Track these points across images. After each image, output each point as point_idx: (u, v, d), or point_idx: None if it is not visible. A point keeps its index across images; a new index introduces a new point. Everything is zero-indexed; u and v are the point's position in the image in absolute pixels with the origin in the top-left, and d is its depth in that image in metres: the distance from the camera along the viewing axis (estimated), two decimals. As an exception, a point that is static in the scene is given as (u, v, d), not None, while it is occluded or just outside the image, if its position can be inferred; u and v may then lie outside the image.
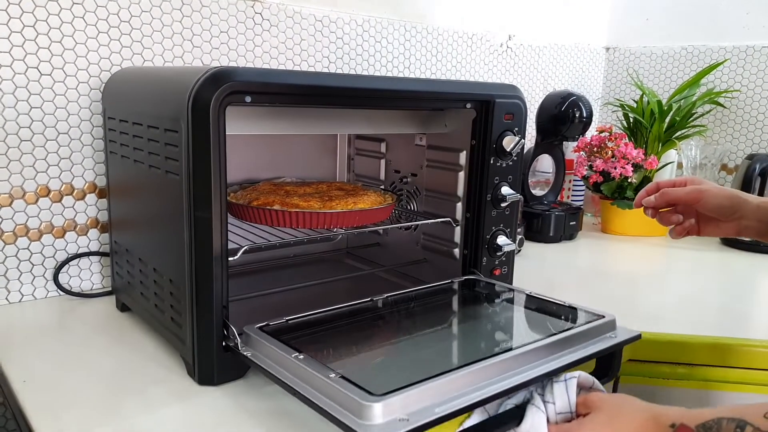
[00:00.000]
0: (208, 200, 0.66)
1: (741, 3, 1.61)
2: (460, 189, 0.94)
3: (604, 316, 0.77)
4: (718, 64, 1.60)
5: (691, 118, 1.54)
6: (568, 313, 0.81)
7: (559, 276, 1.22)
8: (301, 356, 0.63)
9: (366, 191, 0.95)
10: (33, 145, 0.91)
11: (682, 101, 1.53)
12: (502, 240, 0.93)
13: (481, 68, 1.51)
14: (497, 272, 0.95)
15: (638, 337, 0.77)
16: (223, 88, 0.64)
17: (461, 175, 0.94)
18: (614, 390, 0.97)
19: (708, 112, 1.63)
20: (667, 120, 1.52)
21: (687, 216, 0.85)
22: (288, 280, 0.97)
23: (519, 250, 1.28)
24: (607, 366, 0.78)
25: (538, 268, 1.25)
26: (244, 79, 0.67)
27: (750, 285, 1.21)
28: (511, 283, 0.98)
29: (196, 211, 0.66)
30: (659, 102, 1.51)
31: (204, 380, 0.70)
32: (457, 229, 0.96)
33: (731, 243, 1.44)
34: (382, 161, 1.11)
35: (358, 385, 0.57)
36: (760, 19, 1.58)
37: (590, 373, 0.78)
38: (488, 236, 0.93)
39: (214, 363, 0.69)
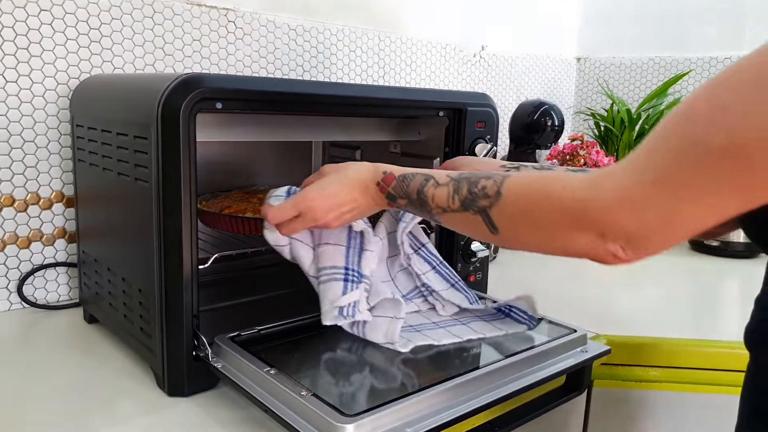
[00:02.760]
0: (177, 208, 0.65)
1: (705, 17, 1.65)
2: (433, 196, 0.94)
3: (575, 330, 0.78)
4: (684, 75, 1.64)
5: (659, 127, 1.57)
6: (540, 326, 0.82)
7: (533, 282, 1.23)
8: (273, 371, 0.63)
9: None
10: (-2, 153, 0.89)
11: (651, 110, 1.56)
12: (476, 246, 0.94)
13: (455, 78, 1.52)
14: (472, 278, 0.96)
15: (608, 351, 0.78)
16: (194, 95, 0.64)
17: (435, 182, 0.94)
18: (588, 395, 0.98)
19: (676, 121, 1.67)
20: (637, 128, 1.55)
21: None
22: (262, 288, 0.96)
23: (494, 257, 1.29)
24: (577, 380, 0.79)
25: (512, 274, 1.25)
26: (214, 85, 0.66)
27: (718, 289, 1.24)
28: (485, 290, 0.98)
29: (166, 218, 0.65)
30: (629, 111, 1.54)
31: (174, 391, 0.68)
32: (432, 236, 0.96)
33: (700, 248, 1.47)
34: (357, 169, 1.11)
35: (330, 404, 0.57)
36: (723, 32, 1.63)
37: (561, 387, 0.80)
38: (462, 242, 0.93)
39: (184, 374, 0.68)
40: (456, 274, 0.85)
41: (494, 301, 0.84)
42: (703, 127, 0.41)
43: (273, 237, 0.74)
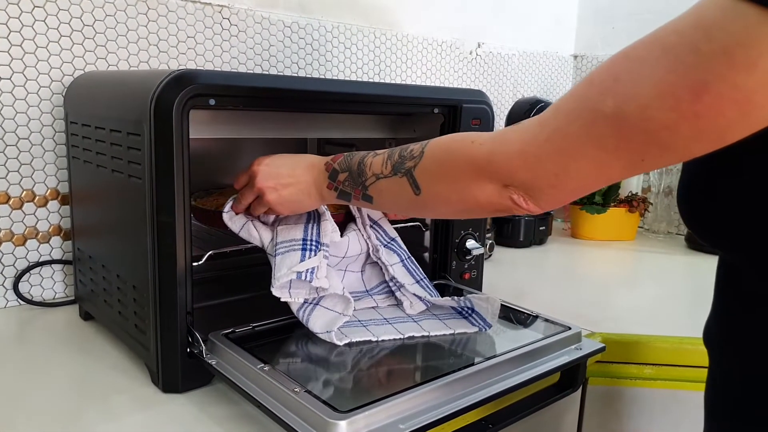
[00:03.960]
0: (171, 204, 0.65)
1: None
2: (428, 193, 0.95)
3: (570, 328, 0.78)
4: (681, 72, 1.63)
5: (656, 124, 1.57)
6: (535, 323, 0.82)
7: (529, 280, 1.23)
8: (267, 368, 0.63)
9: None
10: (-8, 150, 0.89)
11: (647, 108, 1.56)
12: (471, 244, 0.94)
13: (450, 75, 1.52)
14: (467, 276, 0.96)
15: (603, 349, 0.78)
16: (186, 91, 0.64)
17: (430, 179, 0.94)
18: (583, 393, 0.98)
19: (672, 118, 1.67)
20: (633, 126, 1.55)
21: None
22: (256, 285, 0.96)
23: (490, 255, 1.29)
24: (571, 378, 0.79)
25: (508, 272, 1.26)
26: (207, 81, 0.66)
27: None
28: (480, 288, 0.98)
29: (160, 215, 0.65)
30: (625, 108, 1.54)
31: (168, 388, 0.68)
32: (427, 234, 0.96)
33: (696, 246, 1.47)
34: (352, 166, 1.11)
35: (324, 400, 0.57)
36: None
37: (555, 384, 0.80)
38: (457, 240, 0.93)
39: (178, 370, 0.68)
40: (422, 272, 0.86)
41: (461, 296, 0.83)
42: (597, 92, 0.44)
43: (228, 216, 0.76)
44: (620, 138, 0.43)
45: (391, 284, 0.84)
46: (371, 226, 0.84)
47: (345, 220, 0.84)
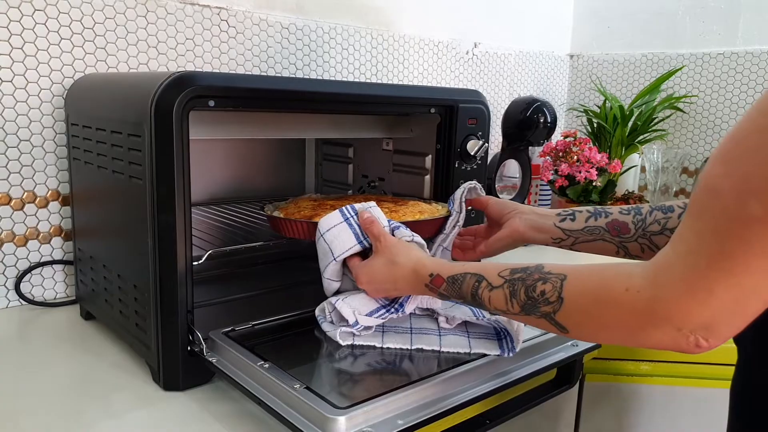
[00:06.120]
0: (171, 205, 0.66)
1: (697, 12, 1.66)
2: (426, 192, 0.96)
3: None
4: (676, 71, 1.65)
5: (652, 123, 1.58)
6: None
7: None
8: (266, 365, 0.63)
9: (405, 202, 0.89)
10: (-7, 152, 0.89)
11: (644, 106, 1.57)
12: (468, 242, 0.94)
13: (447, 75, 1.53)
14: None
15: (598, 346, 0.79)
16: (186, 92, 0.65)
17: (427, 178, 0.95)
18: (580, 390, 0.99)
19: (668, 116, 1.68)
20: (630, 125, 1.56)
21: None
22: (256, 284, 0.97)
23: (487, 254, 1.30)
24: (568, 374, 0.80)
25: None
26: (207, 83, 0.67)
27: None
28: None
29: (160, 215, 0.66)
30: (621, 107, 1.55)
31: (169, 386, 0.69)
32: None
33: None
34: (350, 166, 1.12)
35: (323, 396, 0.58)
36: (714, 28, 1.64)
37: (552, 381, 0.80)
38: (454, 238, 0.94)
39: (179, 368, 0.69)
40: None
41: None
42: (733, 200, 0.41)
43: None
44: None
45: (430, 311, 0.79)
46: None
47: None
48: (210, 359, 0.68)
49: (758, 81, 1.59)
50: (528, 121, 1.43)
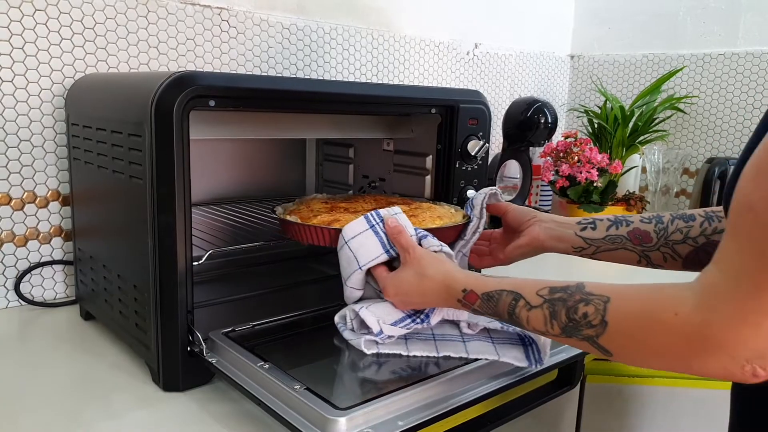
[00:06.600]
0: (171, 204, 0.66)
1: (697, 13, 1.66)
2: (426, 192, 0.95)
3: None
4: (677, 71, 1.65)
5: (653, 124, 1.58)
6: None
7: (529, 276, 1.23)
8: (266, 365, 0.63)
9: (418, 204, 0.88)
10: (-7, 152, 0.89)
11: (644, 107, 1.57)
12: (469, 243, 0.94)
13: (448, 76, 1.53)
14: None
15: None
16: (187, 92, 0.64)
17: (428, 179, 0.95)
18: (581, 391, 0.99)
19: (669, 117, 1.68)
20: (630, 125, 1.56)
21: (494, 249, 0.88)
22: (255, 284, 0.97)
23: (488, 254, 1.30)
24: (569, 375, 0.79)
25: (505, 271, 1.26)
26: (207, 83, 0.67)
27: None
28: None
29: (160, 215, 0.66)
30: (622, 108, 1.55)
31: (169, 386, 0.69)
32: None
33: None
34: (351, 166, 1.12)
35: (323, 397, 0.57)
36: (715, 28, 1.64)
37: (553, 382, 0.80)
38: (455, 239, 0.94)
39: (179, 369, 0.69)
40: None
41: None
42: (765, 212, 0.41)
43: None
44: None
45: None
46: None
47: None
48: (210, 360, 0.67)
49: (759, 82, 1.59)
50: (529, 122, 1.43)
